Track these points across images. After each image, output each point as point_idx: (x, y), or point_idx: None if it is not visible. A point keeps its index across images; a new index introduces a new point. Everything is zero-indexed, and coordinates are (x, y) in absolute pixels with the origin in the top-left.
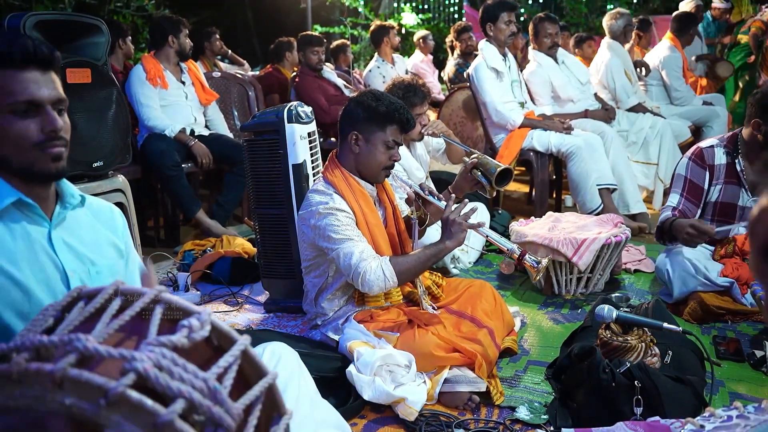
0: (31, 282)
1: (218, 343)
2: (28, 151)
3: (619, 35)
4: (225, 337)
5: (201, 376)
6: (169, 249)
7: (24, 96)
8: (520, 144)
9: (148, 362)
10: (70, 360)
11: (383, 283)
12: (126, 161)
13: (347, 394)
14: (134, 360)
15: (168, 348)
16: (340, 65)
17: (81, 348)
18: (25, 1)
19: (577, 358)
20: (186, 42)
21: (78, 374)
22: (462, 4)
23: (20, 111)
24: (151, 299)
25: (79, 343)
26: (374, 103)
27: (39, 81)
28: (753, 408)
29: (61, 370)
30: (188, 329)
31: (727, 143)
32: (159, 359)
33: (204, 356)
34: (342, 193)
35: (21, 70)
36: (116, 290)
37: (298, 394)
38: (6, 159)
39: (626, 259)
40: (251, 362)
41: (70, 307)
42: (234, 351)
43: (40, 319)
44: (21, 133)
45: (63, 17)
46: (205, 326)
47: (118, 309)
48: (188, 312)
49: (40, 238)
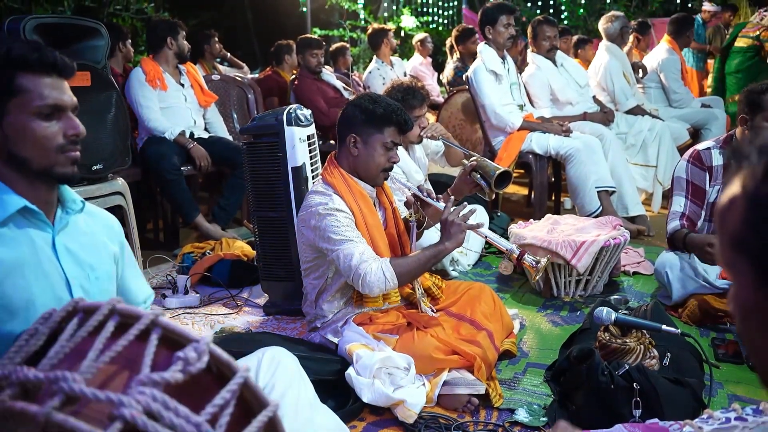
0: (35, 288)
1: (218, 371)
2: (50, 153)
3: (616, 38)
4: (225, 365)
5: (193, 420)
6: (169, 252)
7: (50, 100)
8: (519, 146)
9: (136, 408)
10: (54, 403)
11: (383, 284)
12: (125, 164)
13: (346, 397)
14: (122, 406)
15: (160, 388)
16: (339, 68)
17: (67, 389)
18: (24, 4)
19: (576, 360)
20: (184, 44)
21: (63, 420)
22: (461, 7)
23: (45, 114)
24: (147, 324)
25: (65, 384)
26: (371, 106)
27: (61, 87)
28: (751, 410)
29: (45, 415)
30: (184, 362)
31: (722, 144)
32: (149, 403)
33: (202, 386)
34: (341, 194)
35: (46, 75)
36: (112, 309)
37: (298, 399)
38: (26, 160)
39: (625, 261)
40: (253, 392)
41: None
42: (231, 386)
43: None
44: (46, 135)
45: (63, 21)
46: (202, 357)
47: (113, 332)
48: (185, 340)
49: (43, 245)
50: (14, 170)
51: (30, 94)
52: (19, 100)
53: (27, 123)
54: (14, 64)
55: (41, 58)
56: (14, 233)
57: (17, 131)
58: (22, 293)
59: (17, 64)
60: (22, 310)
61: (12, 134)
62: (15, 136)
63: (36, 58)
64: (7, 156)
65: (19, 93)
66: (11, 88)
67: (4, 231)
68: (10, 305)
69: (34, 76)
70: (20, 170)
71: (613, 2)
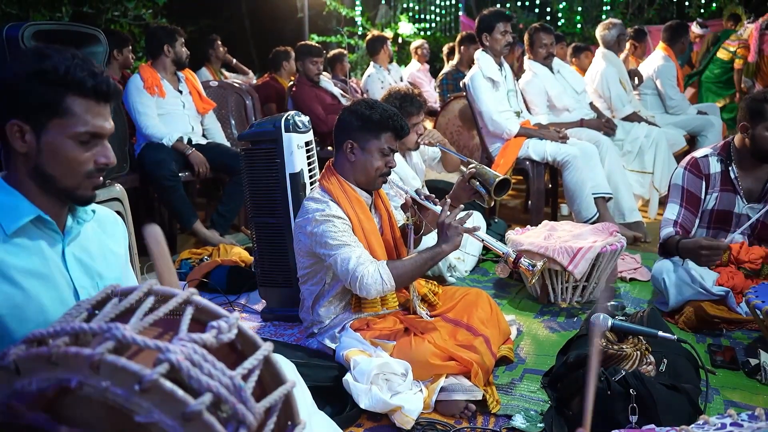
0: (45, 298)
1: (242, 348)
2: (77, 177)
3: (613, 45)
4: (249, 343)
5: (228, 374)
6: None
7: (92, 128)
8: (516, 153)
9: (180, 355)
10: (107, 346)
11: (381, 286)
12: (123, 170)
13: (344, 403)
14: (168, 351)
15: (199, 345)
16: (337, 74)
17: (119, 336)
18: (22, 10)
19: (573, 366)
20: (182, 51)
21: (115, 360)
22: (458, 14)
23: (82, 141)
24: (182, 300)
25: (117, 332)
26: (368, 112)
27: (105, 114)
28: (747, 416)
29: (99, 355)
30: (217, 330)
31: (720, 151)
32: (191, 354)
33: (229, 359)
34: (338, 201)
35: (94, 102)
36: (149, 290)
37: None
38: (52, 178)
39: (622, 267)
40: (271, 369)
41: (102, 304)
42: (258, 355)
43: (73, 312)
44: (79, 161)
45: (61, 27)
46: (232, 329)
47: (151, 307)
48: (217, 315)
49: (53, 255)
50: (35, 183)
51: (75, 118)
52: (62, 120)
53: (64, 145)
54: (68, 85)
55: (96, 86)
56: (26, 243)
57: (51, 149)
58: (33, 303)
59: (71, 86)
60: (34, 322)
61: (46, 150)
62: (48, 153)
63: (92, 86)
64: (33, 168)
65: (65, 114)
66: (59, 109)
67: (17, 240)
68: (23, 315)
69: (84, 101)
70: (42, 185)
71: (610, 10)
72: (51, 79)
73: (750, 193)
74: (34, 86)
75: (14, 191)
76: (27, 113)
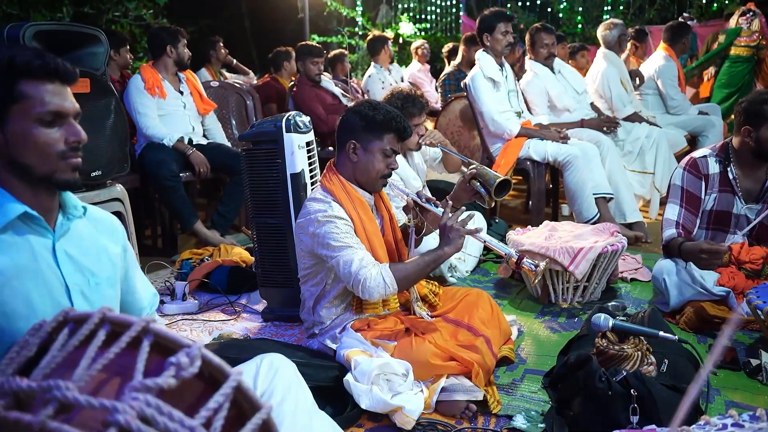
0: (35, 295)
1: (210, 375)
2: (51, 160)
3: (614, 45)
4: (217, 370)
5: (187, 424)
6: (167, 258)
7: (52, 107)
8: (516, 153)
9: (131, 413)
10: (48, 412)
11: (383, 289)
12: (124, 170)
13: (345, 404)
14: (116, 412)
15: (153, 393)
16: (337, 74)
17: (60, 397)
18: (23, 10)
19: (574, 366)
20: (184, 52)
21: (58, 428)
22: (459, 14)
23: (46, 121)
24: (138, 331)
25: (59, 392)
26: (371, 113)
27: (63, 93)
28: (748, 416)
29: (39, 423)
30: (176, 367)
31: (718, 152)
32: (143, 408)
33: (195, 391)
34: (340, 201)
35: (48, 82)
36: (102, 318)
37: (296, 406)
38: (28, 167)
39: (623, 267)
40: (245, 396)
41: (56, 332)
42: (225, 389)
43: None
44: (47, 142)
45: (62, 27)
46: (195, 362)
47: (104, 341)
48: (177, 345)
49: (43, 251)
50: (15, 176)
51: (32, 100)
52: (20, 106)
53: (28, 129)
54: (17, 71)
55: (44, 64)
56: (14, 240)
57: (19, 137)
58: (23, 301)
59: (20, 71)
60: (23, 318)
61: (13, 140)
62: (16, 142)
63: (39, 65)
64: (8, 162)
65: (21, 99)
66: (13, 95)
67: (4, 237)
68: (11, 313)
69: (37, 83)
70: (21, 176)
71: (611, 10)
72: (1, 68)
73: (748, 194)
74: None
75: (0, 189)
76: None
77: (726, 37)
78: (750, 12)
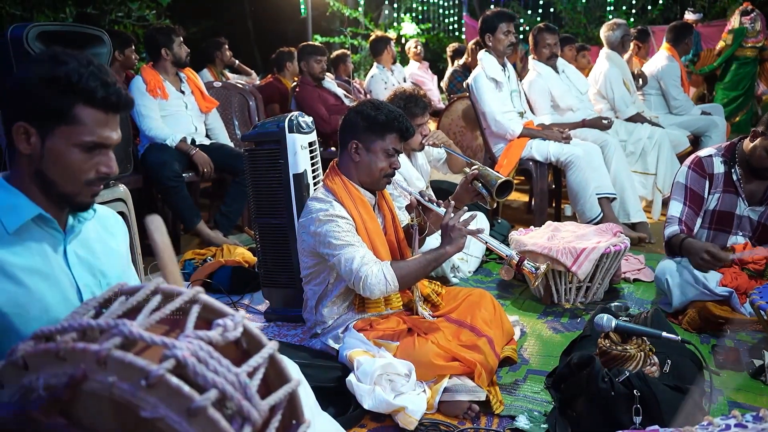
0: (48, 297)
1: (247, 347)
2: (77, 184)
3: (617, 45)
4: (254, 341)
5: (234, 370)
6: None
7: (99, 138)
8: (519, 154)
9: (187, 351)
10: (115, 342)
11: (384, 286)
12: (127, 171)
13: (347, 404)
14: (174, 348)
15: (205, 341)
16: (340, 75)
17: (126, 332)
18: (25, 10)
19: (577, 367)
20: (180, 51)
21: (122, 356)
22: (462, 14)
23: (87, 148)
24: (188, 298)
25: (124, 328)
26: (374, 112)
27: (112, 124)
28: (751, 417)
29: (106, 350)
30: (223, 328)
31: (724, 153)
32: (197, 350)
33: (234, 356)
34: (342, 201)
35: (102, 112)
36: (156, 288)
37: None
38: (52, 183)
39: (625, 268)
40: (276, 368)
41: (109, 302)
42: (263, 353)
43: (81, 310)
44: (81, 168)
45: (65, 28)
46: (238, 327)
47: (158, 305)
48: (223, 313)
49: (55, 253)
50: (37, 185)
51: (82, 127)
52: (69, 128)
53: (67, 151)
54: (78, 94)
55: (107, 97)
56: (28, 241)
57: (54, 155)
58: (36, 301)
59: (81, 96)
60: (36, 319)
61: (48, 155)
62: (50, 158)
63: (102, 97)
64: (35, 171)
65: (72, 122)
66: (67, 116)
67: (19, 239)
68: (25, 313)
69: (94, 111)
70: (43, 188)
71: (613, 10)
72: (62, 86)
73: (752, 196)
74: (45, 92)
75: (16, 190)
76: (34, 117)
77: (734, 38)
78: (753, 12)
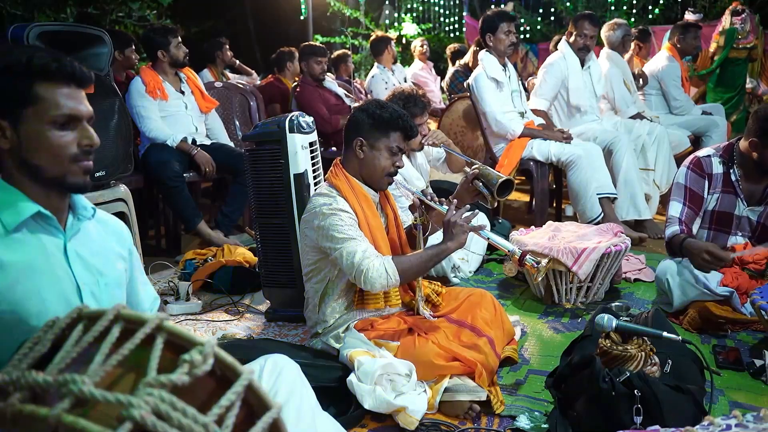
0: (47, 293)
1: (222, 374)
2: (63, 162)
3: (618, 45)
4: (229, 368)
5: (201, 420)
6: (171, 258)
7: (66, 110)
8: (520, 153)
9: (145, 408)
10: (64, 405)
11: (386, 280)
12: (128, 171)
13: (348, 404)
14: (131, 406)
15: (167, 390)
16: (341, 75)
17: (76, 391)
18: (26, 11)
19: (577, 367)
20: (178, 51)
21: (73, 421)
22: (462, 14)
23: (60, 124)
24: (152, 328)
25: (75, 387)
26: (379, 111)
27: (78, 97)
28: (752, 417)
29: (56, 417)
30: (189, 365)
31: (722, 153)
32: (157, 404)
33: (207, 389)
34: (345, 196)
35: (64, 85)
36: (117, 315)
37: (300, 406)
38: (39, 168)
39: (626, 268)
40: (256, 395)
41: (70, 329)
42: (236, 388)
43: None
44: (60, 145)
45: (66, 28)
46: (207, 359)
47: (118, 338)
48: (191, 343)
49: (55, 251)
50: (27, 177)
51: (47, 103)
52: (35, 108)
53: (42, 131)
54: (34, 73)
55: (60, 67)
56: (27, 239)
57: (32, 139)
58: (36, 298)
59: (37, 73)
60: (35, 316)
61: (26, 141)
62: (29, 143)
63: (55, 68)
64: (20, 162)
65: (36, 102)
66: (29, 97)
67: (18, 236)
68: (23, 311)
69: (52, 86)
70: (33, 177)
71: (615, 10)
72: (16, 71)
73: (751, 196)
74: (2, 82)
75: (13, 189)
76: (1, 109)
77: (726, 40)
78: (744, 12)
